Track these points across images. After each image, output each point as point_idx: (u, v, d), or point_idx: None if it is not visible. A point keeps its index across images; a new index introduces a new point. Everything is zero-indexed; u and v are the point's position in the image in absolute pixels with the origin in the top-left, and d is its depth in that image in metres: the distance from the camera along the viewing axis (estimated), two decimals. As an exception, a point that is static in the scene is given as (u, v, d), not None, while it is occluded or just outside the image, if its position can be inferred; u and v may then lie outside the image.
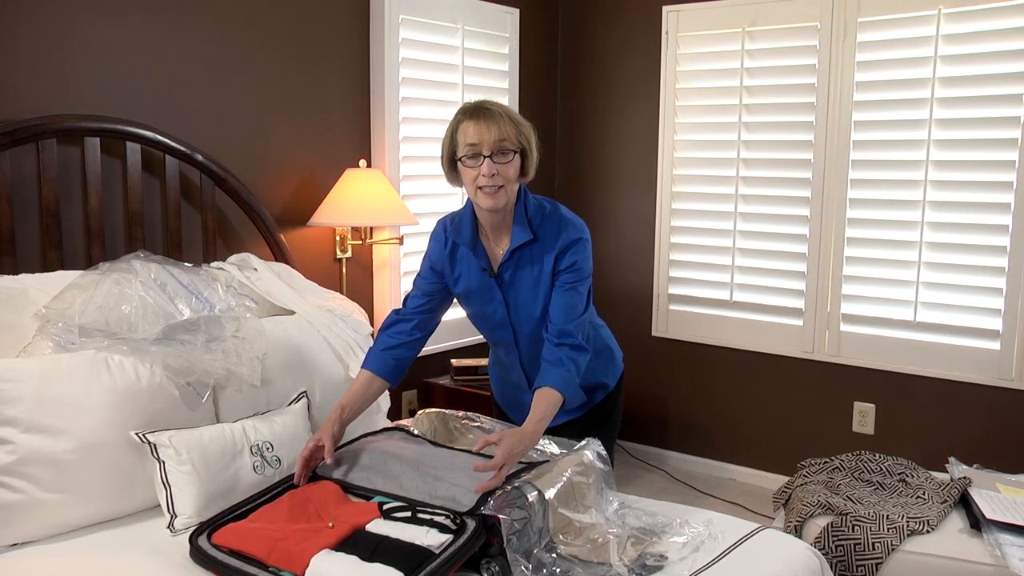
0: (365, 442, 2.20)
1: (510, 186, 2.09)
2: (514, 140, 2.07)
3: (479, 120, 2.05)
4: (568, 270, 2.14)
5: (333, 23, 3.31)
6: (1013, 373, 3.33)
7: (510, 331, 2.25)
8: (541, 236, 2.15)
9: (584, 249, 2.17)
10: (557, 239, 2.15)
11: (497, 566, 1.78)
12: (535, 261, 2.16)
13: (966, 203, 3.36)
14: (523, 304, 2.20)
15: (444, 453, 2.11)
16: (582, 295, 2.17)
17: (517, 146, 2.08)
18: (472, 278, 2.23)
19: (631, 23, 4.14)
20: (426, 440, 2.25)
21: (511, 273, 2.19)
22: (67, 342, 2.16)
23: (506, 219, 2.16)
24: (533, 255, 2.16)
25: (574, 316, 2.14)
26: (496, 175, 2.05)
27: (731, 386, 4.04)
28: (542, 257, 2.16)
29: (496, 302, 2.22)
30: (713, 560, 1.93)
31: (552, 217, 2.17)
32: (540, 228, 2.16)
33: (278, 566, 1.72)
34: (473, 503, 1.83)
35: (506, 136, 2.05)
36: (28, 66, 2.48)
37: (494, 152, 2.05)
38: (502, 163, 2.06)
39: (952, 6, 3.32)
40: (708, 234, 3.99)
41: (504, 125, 2.05)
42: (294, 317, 2.63)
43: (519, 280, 2.19)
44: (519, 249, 2.16)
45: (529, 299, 2.18)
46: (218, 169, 2.83)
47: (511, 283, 2.20)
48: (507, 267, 2.19)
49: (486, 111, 2.06)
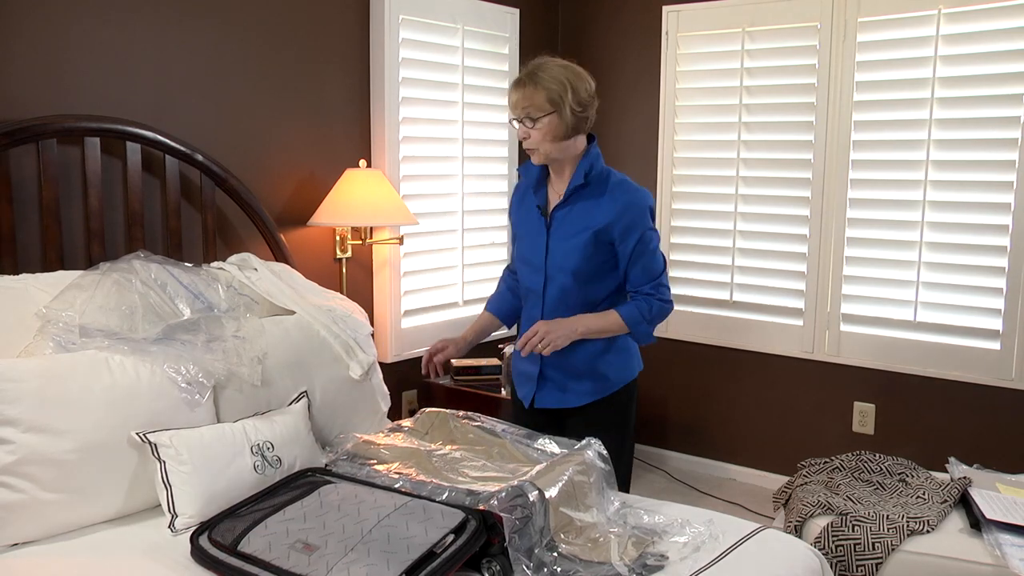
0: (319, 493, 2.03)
1: (544, 145, 2.25)
2: (541, 105, 2.21)
3: (514, 88, 2.25)
4: (639, 242, 2.28)
5: (333, 23, 3.31)
6: (1013, 373, 3.33)
7: (542, 278, 2.37)
8: (594, 184, 2.30)
9: (649, 220, 2.30)
10: (616, 204, 2.27)
11: (498, 565, 1.78)
12: (585, 214, 2.30)
13: (966, 203, 3.37)
14: (561, 252, 2.32)
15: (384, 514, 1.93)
16: (657, 262, 2.32)
17: (545, 110, 2.21)
18: (527, 214, 2.41)
19: (631, 23, 4.14)
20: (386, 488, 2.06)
21: (560, 217, 2.33)
22: (67, 342, 2.16)
23: (566, 168, 2.33)
24: (585, 208, 2.30)
25: (652, 277, 2.31)
26: (527, 138, 2.25)
27: (731, 386, 4.04)
28: (594, 214, 2.28)
29: (539, 243, 2.37)
30: (714, 560, 1.93)
31: (616, 182, 2.31)
32: (595, 178, 2.30)
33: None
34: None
35: (530, 103, 2.21)
36: (28, 66, 2.48)
37: (522, 119, 2.24)
38: (532, 127, 2.23)
39: (952, 6, 3.32)
40: (708, 234, 3.99)
41: (530, 91, 2.21)
42: (294, 317, 2.63)
43: (565, 227, 2.32)
44: (572, 195, 2.31)
45: (567, 249, 2.30)
46: (218, 169, 2.83)
47: (557, 228, 2.33)
48: (559, 211, 2.34)
49: (520, 80, 2.24)
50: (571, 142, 2.29)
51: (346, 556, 1.74)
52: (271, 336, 2.48)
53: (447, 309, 3.78)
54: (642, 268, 2.31)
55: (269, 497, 2.03)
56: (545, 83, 2.21)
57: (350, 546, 1.77)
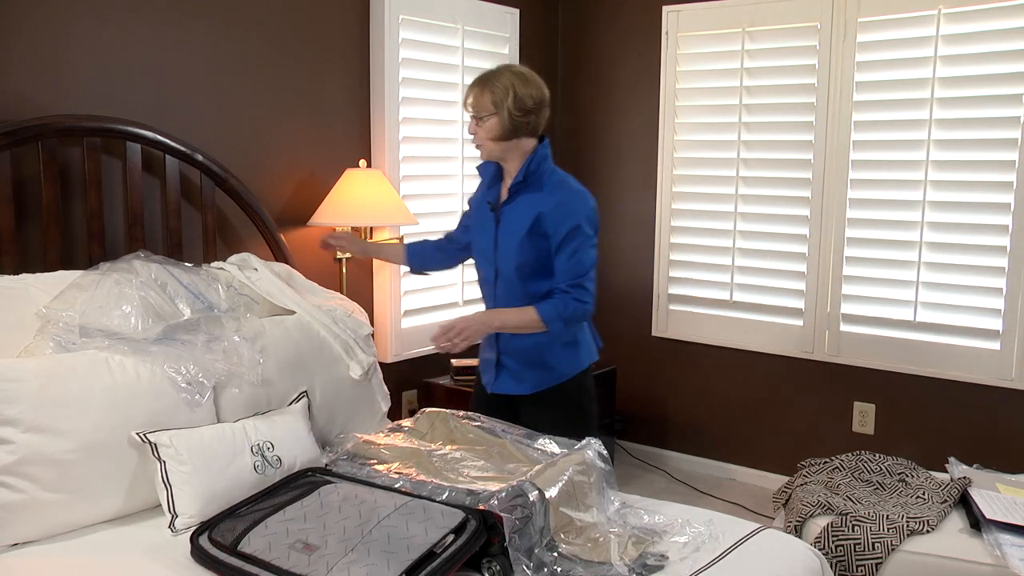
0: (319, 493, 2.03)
1: (487, 143, 2.42)
2: (485, 106, 2.39)
3: (469, 88, 2.43)
4: (570, 237, 2.37)
5: (333, 23, 3.31)
6: (1013, 373, 3.33)
7: (493, 269, 2.50)
8: (532, 182, 2.42)
9: (579, 217, 2.37)
10: (550, 200, 2.39)
11: (498, 565, 1.78)
12: (523, 211, 2.42)
13: (966, 203, 3.36)
14: (506, 246, 2.44)
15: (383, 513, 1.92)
16: (583, 260, 2.38)
17: (489, 111, 2.38)
18: (480, 208, 2.56)
19: (631, 23, 4.14)
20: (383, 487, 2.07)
21: (507, 213, 2.46)
22: (68, 342, 2.16)
23: (513, 167, 2.46)
24: (524, 206, 2.42)
25: (575, 275, 2.37)
26: (474, 135, 2.44)
27: (731, 386, 4.04)
28: (531, 211, 2.40)
29: (489, 237, 2.50)
30: (714, 560, 1.93)
31: (554, 180, 2.43)
32: (532, 176, 2.42)
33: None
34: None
35: (478, 103, 2.40)
36: (28, 66, 2.48)
37: (473, 117, 2.42)
38: (478, 125, 2.42)
39: (952, 6, 3.32)
40: (708, 234, 3.99)
41: (478, 92, 2.40)
42: (294, 317, 2.63)
43: (509, 222, 2.45)
44: (514, 192, 2.44)
45: (511, 243, 2.43)
46: (218, 169, 2.83)
47: (504, 223, 2.46)
48: (505, 207, 2.47)
49: (474, 81, 2.42)
50: (513, 143, 2.42)
51: (346, 556, 1.74)
52: (271, 336, 2.48)
53: (447, 309, 3.78)
54: (567, 262, 2.37)
55: (269, 497, 2.03)
56: (492, 86, 2.38)
57: (350, 546, 1.77)
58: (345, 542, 1.78)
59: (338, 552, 1.75)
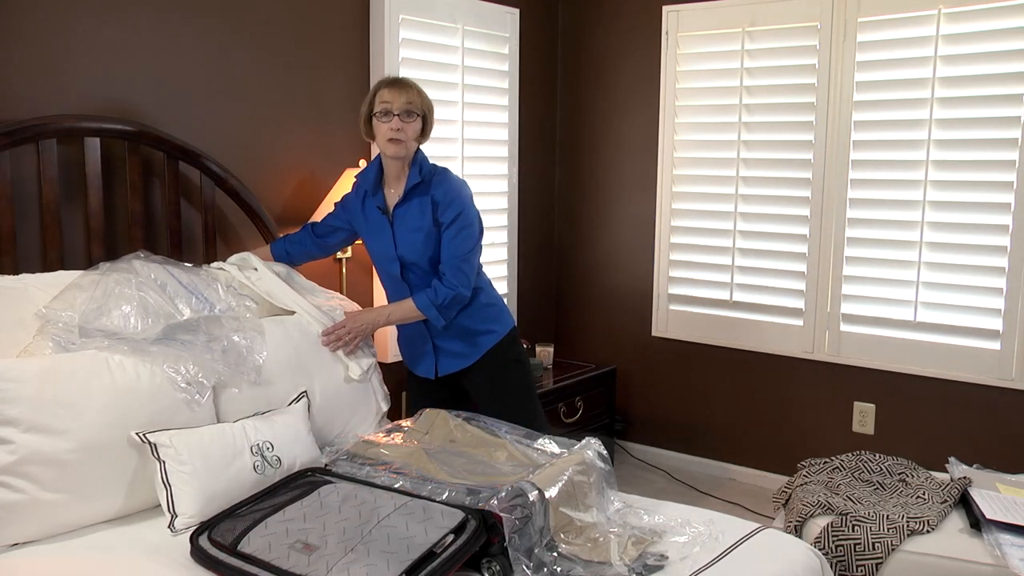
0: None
1: (411, 141, 2.60)
2: (419, 106, 2.60)
3: (393, 87, 2.59)
4: (452, 222, 2.60)
5: (333, 23, 3.31)
6: (1013, 373, 3.33)
7: (398, 265, 2.67)
8: (427, 180, 2.63)
9: (463, 203, 2.62)
10: (439, 190, 2.62)
11: (498, 565, 1.78)
12: (422, 208, 2.62)
13: (966, 203, 3.36)
14: (408, 242, 2.63)
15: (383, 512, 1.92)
16: (464, 243, 2.61)
17: (421, 111, 2.61)
18: (370, 216, 2.71)
19: (631, 23, 4.14)
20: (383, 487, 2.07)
21: (402, 213, 2.65)
22: (67, 342, 2.16)
23: (404, 169, 2.65)
24: (422, 203, 2.62)
25: (451, 257, 2.60)
26: (400, 130, 2.56)
27: (731, 386, 4.04)
28: (428, 206, 2.61)
29: (386, 236, 2.67)
30: (714, 560, 1.93)
31: (439, 173, 2.66)
32: (427, 174, 2.64)
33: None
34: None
35: (413, 101, 2.58)
36: (28, 66, 2.48)
37: (402, 112, 2.56)
38: (407, 122, 2.57)
39: (952, 6, 3.32)
40: (708, 234, 3.99)
41: (412, 93, 2.59)
42: (294, 317, 2.63)
43: (407, 220, 2.63)
44: (410, 192, 2.63)
45: (414, 239, 2.62)
46: (218, 169, 2.83)
47: (400, 221, 2.65)
48: (399, 208, 2.65)
49: (400, 81, 2.62)
50: (416, 145, 2.66)
51: (346, 556, 1.74)
52: (271, 336, 2.48)
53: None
54: (451, 243, 2.60)
55: (269, 497, 2.03)
56: (421, 91, 2.63)
57: (350, 546, 1.77)
58: (345, 542, 1.78)
59: (338, 552, 1.75)
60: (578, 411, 3.93)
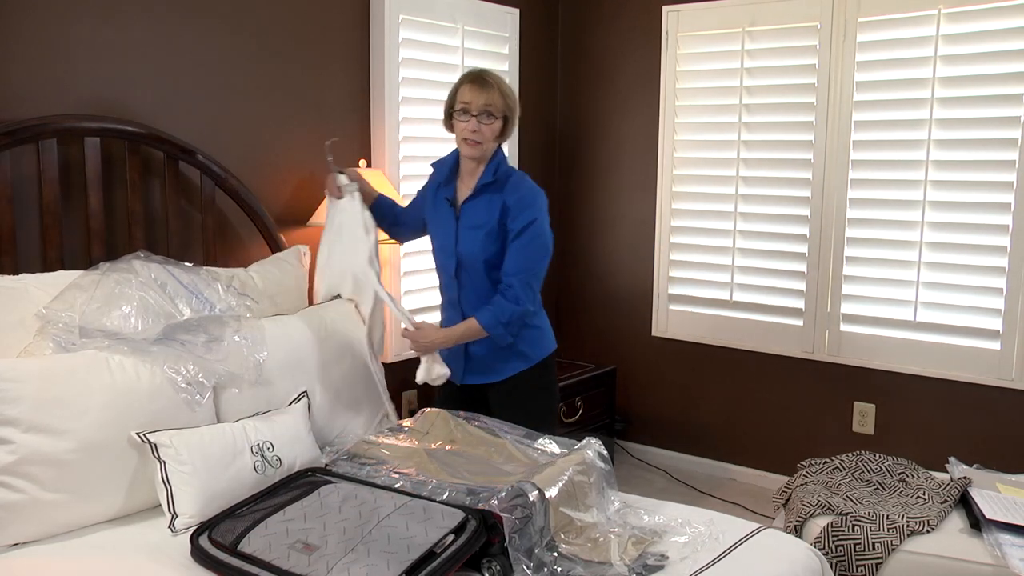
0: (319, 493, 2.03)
1: (488, 143, 2.52)
2: (499, 108, 2.50)
3: (474, 85, 2.51)
4: (523, 231, 2.49)
5: (333, 23, 3.31)
6: (1013, 373, 3.33)
7: (455, 261, 2.58)
8: (500, 181, 2.54)
9: (537, 212, 2.51)
10: (513, 195, 2.52)
11: (498, 565, 1.78)
12: (490, 207, 2.53)
13: (966, 203, 3.36)
14: (469, 240, 2.54)
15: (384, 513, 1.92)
16: (533, 255, 2.51)
17: (501, 113, 2.51)
18: (438, 206, 2.64)
19: (631, 23, 4.14)
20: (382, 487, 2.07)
21: (469, 208, 2.57)
22: (67, 342, 2.16)
23: (479, 167, 2.57)
24: (491, 202, 2.53)
25: (519, 271, 2.49)
26: (477, 132, 2.49)
27: (731, 386, 4.04)
28: (497, 206, 2.52)
29: (449, 230, 2.60)
30: (714, 560, 1.93)
31: (515, 176, 2.57)
32: (501, 176, 2.55)
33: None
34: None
35: (492, 103, 2.49)
36: (28, 66, 2.48)
37: (480, 114, 2.48)
38: (485, 124, 2.49)
39: (952, 6, 3.32)
40: (708, 234, 3.99)
41: (493, 94, 2.49)
42: (294, 317, 2.63)
43: (472, 218, 2.55)
44: (480, 190, 2.55)
45: (475, 237, 2.53)
46: (218, 169, 2.83)
47: (465, 219, 2.57)
48: (467, 203, 2.57)
49: (482, 79, 2.51)
50: (496, 144, 2.57)
51: (346, 556, 1.74)
52: (271, 336, 2.48)
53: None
54: (520, 253, 2.50)
55: (269, 497, 2.03)
56: (503, 89, 2.52)
57: (350, 546, 1.77)
58: (345, 542, 1.78)
59: (338, 552, 1.75)
60: (578, 411, 3.93)
